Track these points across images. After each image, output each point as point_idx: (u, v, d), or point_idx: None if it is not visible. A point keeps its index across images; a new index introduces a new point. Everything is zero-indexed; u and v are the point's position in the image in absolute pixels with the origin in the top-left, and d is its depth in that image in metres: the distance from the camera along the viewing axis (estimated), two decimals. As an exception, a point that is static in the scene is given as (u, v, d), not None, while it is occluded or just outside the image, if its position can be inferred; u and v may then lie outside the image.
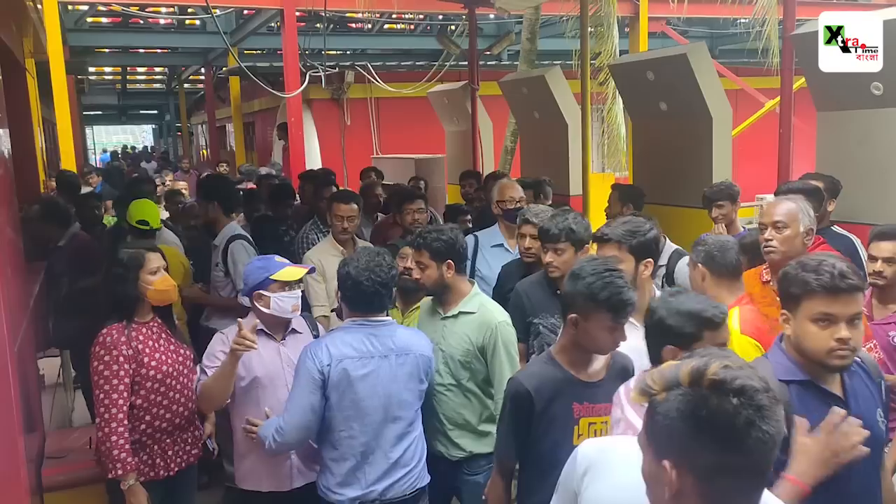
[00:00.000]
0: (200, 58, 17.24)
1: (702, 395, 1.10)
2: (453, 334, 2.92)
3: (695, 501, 1.12)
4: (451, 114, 9.29)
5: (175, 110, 28.96)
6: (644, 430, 1.19)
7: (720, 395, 1.09)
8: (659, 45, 11.35)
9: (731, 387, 1.09)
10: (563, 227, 3.13)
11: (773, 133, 4.74)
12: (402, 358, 2.71)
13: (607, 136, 11.18)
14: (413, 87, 11.49)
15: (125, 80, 25.56)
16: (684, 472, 1.11)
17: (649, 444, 1.17)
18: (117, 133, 42.86)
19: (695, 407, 1.10)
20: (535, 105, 7.38)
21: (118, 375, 2.75)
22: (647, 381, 1.17)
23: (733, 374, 1.10)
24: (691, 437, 1.10)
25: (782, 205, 3.02)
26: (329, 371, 2.60)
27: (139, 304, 2.90)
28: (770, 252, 2.97)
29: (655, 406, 1.15)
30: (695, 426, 1.09)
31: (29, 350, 3.59)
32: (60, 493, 3.24)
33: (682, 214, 5.35)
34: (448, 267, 2.93)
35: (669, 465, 1.12)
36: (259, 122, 18.06)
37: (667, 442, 1.13)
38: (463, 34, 11.96)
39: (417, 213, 4.69)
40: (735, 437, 1.08)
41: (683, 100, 5.44)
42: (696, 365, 1.12)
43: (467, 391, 2.92)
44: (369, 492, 2.66)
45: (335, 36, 14.51)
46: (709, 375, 1.10)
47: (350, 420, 2.64)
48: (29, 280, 4.31)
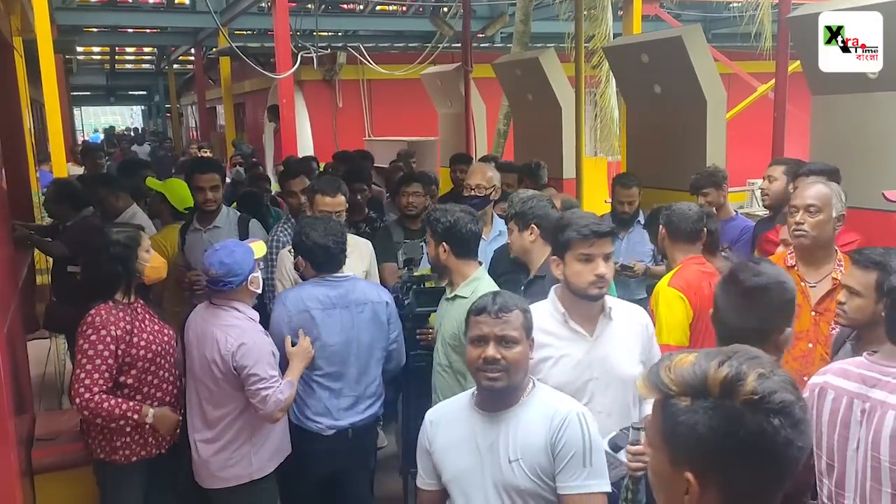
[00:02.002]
0: (190, 38, 17.06)
1: (737, 410, 1.00)
2: (448, 316, 2.95)
3: None
4: (444, 96, 9.24)
5: (164, 91, 28.69)
6: (656, 431, 1.09)
7: (758, 413, 0.99)
8: (652, 28, 11.27)
9: (772, 406, 1.00)
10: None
11: (765, 117, 4.74)
12: (360, 307, 3.08)
13: (600, 120, 11.16)
14: (405, 68, 11.40)
15: (114, 61, 25.29)
16: (710, 484, 1.03)
17: (666, 447, 1.07)
18: (105, 114, 42.47)
19: (731, 425, 1.00)
20: (529, 87, 7.34)
21: (102, 355, 2.75)
22: (661, 378, 1.06)
23: (770, 388, 1.00)
24: (724, 454, 1.01)
25: (815, 188, 2.92)
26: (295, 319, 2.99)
27: (133, 282, 2.91)
28: (800, 236, 2.87)
29: (676, 411, 1.04)
30: (729, 444, 1.01)
31: (18, 332, 3.57)
32: (50, 475, 3.24)
33: (675, 198, 5.31)
34: (443, 249, 2.95)
35: (693, 478, 1.03)
36: (250, 104, 17.91)
37: (692, 453, 1.03)
38: (456, 16, 11.87)
39: (413, 196, 4.47)
40: (773, 457, 1.01)
41: (678, 82, 5.42)
42: (729, 375, 1.02)
43: (458, 373, 2.92)
44: (339, 421, 3.06)
45: (327, 17, 14.40)
46: (746, 391, 1.00)
47: (319, 360, 3.02)
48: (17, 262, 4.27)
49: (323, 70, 13.43)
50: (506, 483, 1.96)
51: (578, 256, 2.36)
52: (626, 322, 2.47)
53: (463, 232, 2.96)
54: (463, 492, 2.02)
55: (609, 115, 10.69)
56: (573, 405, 2.03)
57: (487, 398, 2.03)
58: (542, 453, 1.93)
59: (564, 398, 2.07)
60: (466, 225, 2.97)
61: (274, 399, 2.79)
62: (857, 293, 2.37)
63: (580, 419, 1.95)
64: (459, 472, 2.03)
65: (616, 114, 10.31)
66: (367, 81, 13.83)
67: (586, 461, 1.90)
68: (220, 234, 4.22)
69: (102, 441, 2.90)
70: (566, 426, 1.92)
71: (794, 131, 5.14)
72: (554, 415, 1.95)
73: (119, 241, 2.89)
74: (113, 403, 2.76)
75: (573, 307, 2.41)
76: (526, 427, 1.96)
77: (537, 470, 1.93)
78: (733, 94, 6.74)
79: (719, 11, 14.18)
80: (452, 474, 2.05)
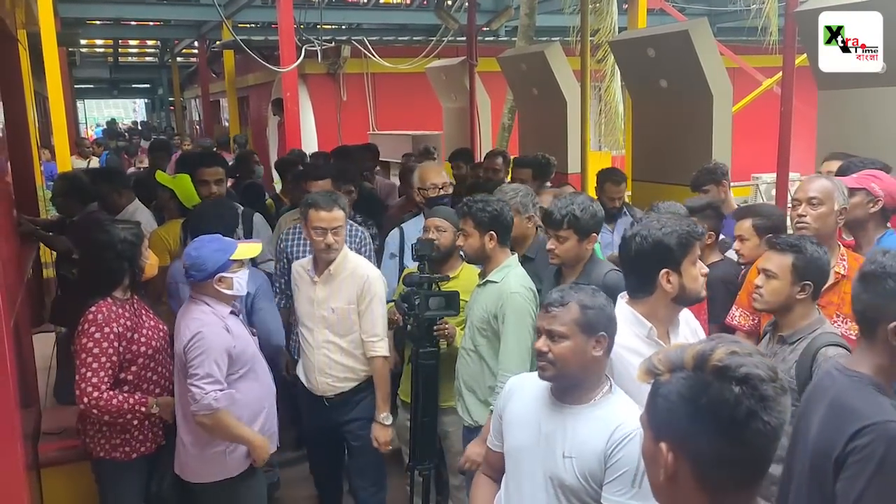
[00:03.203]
0: (194, 31, 17.00)
1: (704, 380, 1.07)
2: (478, 301, 3.01)
3: (691, 486, 1.10)
4: (448, 90, 9.21)
5: (168, 84, 28.64)
6: (646, 410, 1.17)
7: (723, 381, 1.05)
8: (658, 21, 11.23)
9: (735, 374, 1.05)
10: (567, 213, 2.91)
11: (770, 112, 4.71)
12: None
13: (605, 115, 11.13)
14: (410, 62, 11.37)
15: (117, 54, 25.22)
16: (681, 457, 1.09)
17: (649, 424, 1.16)
18: (109, 107, 42.43)
19: (696, 392, 1.07)
20: (534, 81, 7.32)
21: (106, 353, 2.77)
22: (653, 361, 1.15)
23: (738, 361, 1.06)
24: (690, 422, 1.07)
25: (818, 181, 2.97)
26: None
27: (136, 279, 2.92)
28: (802, 228, 2.90)
29: (658, 387, 1.13)
30: (694, 412, 1.06)
31: (25, 326, 3.57)
32: (56, 469, 3.25)
33: (680, 193, 5.32)
34: (490, 238, 2.99)
35: (666, 448, 1.10)
36: (253, 97, 17.87)
37: (666, 424, 1.11)
38: (461, 9, 11.83)
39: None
40: (734, 428, 1.05)
41: (684, 77, 5.39)
42: (702, 349, 1.10)
43: (482, 357, 2.99)
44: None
45: (331, 10, 14.31)
46: (713, 360, 1.07)
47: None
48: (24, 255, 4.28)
49: (327, 63, 13.40)
50: (555, 475, 1.98)
51: (694, 259, 2.25)
52: (686, 323, 2.42)
53: (508, 220, 3.05)
54: (516, 467, 2.07)
55: (614, 109, 10.66)
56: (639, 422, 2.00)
57: (556, 388, 2.05)
58: (596, 460, 1.93)
59: (636, 412, 1.99)
60: (508, 213, 3.05)
61: (205, 402, 2.71)
62: (774, 275, 2.50)
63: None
64: (517, 448, 2.08)
65: (621, 108, 10.29)
66: (371, 75, 13.80)
67: (636, 482, 1.88)
68: None
69: (101, 439, 2.91)
70: (627, 442, 1.90)
71: (801, 126, 5.12)
72: (619, 427, 1.92)
73: (127, 238, 2.92)
74: (121, 399, 2.78)
75: (665, 319, 2.27)
76: (588, 428, 1.96)
77: (587, 473, 1.94)
78: (739, 88, 6.70)
79: (725, 5, 14.10)
80: (511, 447, 2.11)
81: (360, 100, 14.02)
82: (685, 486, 1.10)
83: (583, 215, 2.89)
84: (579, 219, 2.88)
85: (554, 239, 2.94)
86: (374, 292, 3.29)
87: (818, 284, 2.50)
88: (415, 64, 10.99)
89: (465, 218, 3.02)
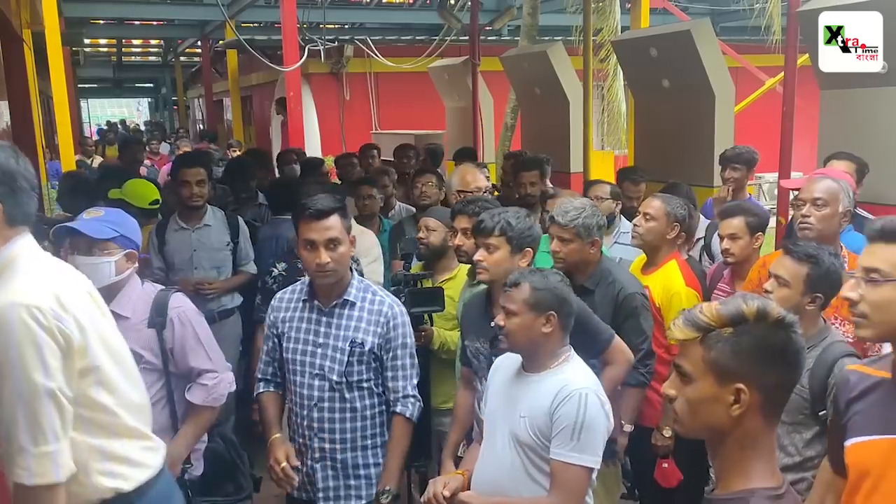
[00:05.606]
0: (197, 30, 17.02)
1: (770, 329, 1.31)
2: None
3: (756, 413, 1.33)
4: (451, 89, 9.23)
5: (171, 84, 28.67)
6: (698, 358, 1.33)
7: (783, 329, 1.31)
8: (660, 21, 11.23)
9: (788, 321, 1.32)
10: (499, 220, 2.62)
11: (772, 111, 4.72)
12: None
13: (607, 114, 11.14)
14: (413, 61, 11.38)
15: (120, 53, 25.25)
16: (754, 391, 1.31)
17: (710, 370, 1.33)
18: (112, 106, 42.47)
19: (766, 339, 1.30)
20: (537, 81, 7.33)
21: None
22: (700, 318, 1.33)
23: (783, 312, 1.32)
24: (764, 363, 1.31)
25: (823, 182, 2.94)
26: None
27: None
28: (805, 229, 2.87)
29: (722, 338, 1.31)
30: (768, 355, 1.31)
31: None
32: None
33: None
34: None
35: (742, 387, 1.31)
36: (257, 97, 17.91)
37: (740, 367, 1.31)
38: (464, 9, 11.84)
39: (425, 187, 4.38)
40: (797, 361, 1.34)
41: (686, 76, 5.41)
42: (760, 306, 1.32)
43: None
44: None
45: (334, 9, 14.33)
46: (774, 315, 1.31)
47: None
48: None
49: (330, 63, 13.42)
50: (513, 433, 2.24)
51: None
52: None
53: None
54: (490, 427, 2.36)
55: (617, 108, 10.67)
56: (585, 384, 2.19)
57: (524, 360, 2.32)
58: (544, 417, 2.17)
59: (586, 377, 2.25)
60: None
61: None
62: (786, 283, 2.39)
63: (580, 398, 2.14)
64: (491, 412, 2.37)
65: (623, 107, 10.30)
66: (374, 74, 13.82)
67: (574, 436, 2.11)
68: (210, 233, 4.15)
69: None
70: (566, 401, 2.14)
71: (803, 125, 5.13)
72: (563, 388, 2.16)
73: None
74: None
75: None
76: (540, 391, 2.21)
77: (537, 430, 2.19)
78: (741, 87, 6.72)
79: (728, 4, 14.10)
80: (487, 411, 2.40)
81: (363, 99, 14.05)
82: (751, 414, 1.33)
83: (518, 224, 2.62)
84: (513, 226, 2.61)
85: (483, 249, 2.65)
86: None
87: (828, 297, 2.40)
88: (418, 63, 11.00)
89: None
